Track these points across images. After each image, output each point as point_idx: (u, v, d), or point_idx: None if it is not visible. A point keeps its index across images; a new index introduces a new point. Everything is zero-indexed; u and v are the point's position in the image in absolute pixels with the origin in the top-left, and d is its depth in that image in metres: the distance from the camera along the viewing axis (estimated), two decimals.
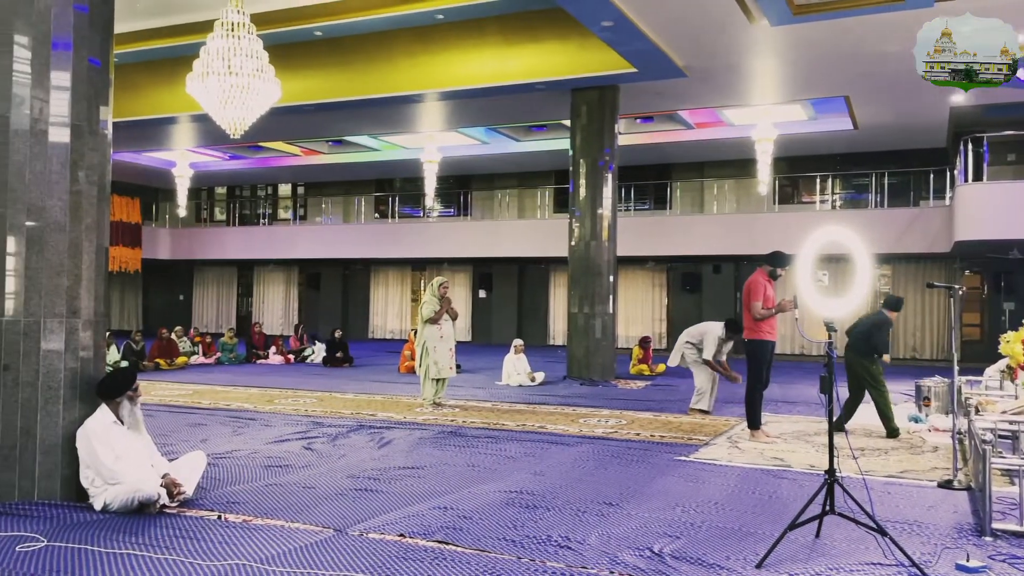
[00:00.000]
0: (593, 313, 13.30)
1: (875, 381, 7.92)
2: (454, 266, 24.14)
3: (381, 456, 6.67)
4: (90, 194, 5.20)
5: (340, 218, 26.18)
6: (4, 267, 4.91)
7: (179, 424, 8.18)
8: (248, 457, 6.53)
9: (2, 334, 4.88)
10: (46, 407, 4.95)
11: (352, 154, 21.92)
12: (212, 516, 4.75)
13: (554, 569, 3.87)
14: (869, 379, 7.93)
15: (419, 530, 4.47)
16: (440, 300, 9.67)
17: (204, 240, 26.56)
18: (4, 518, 4.58)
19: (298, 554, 4.04)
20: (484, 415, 9.07)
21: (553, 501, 5.19)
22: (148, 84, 15.38)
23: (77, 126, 5.12)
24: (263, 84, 9.25)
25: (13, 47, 4.94)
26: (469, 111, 16.04)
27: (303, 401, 10.13)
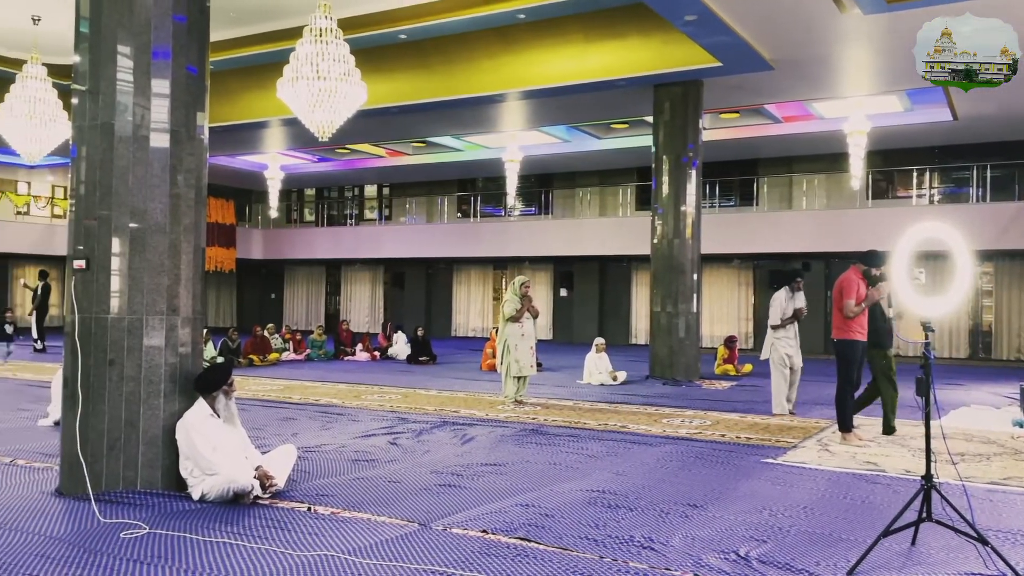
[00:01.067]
0: (676, 312, 13.11)
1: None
2: (535, 264, 24.19)
3: (464, 452, 6.75)
4: (188, 197, 5.43)
5: (424, 218, 26.58)
6: (109, 267, 5.18)
7: (271, 418, 8.46)
8: (336, 451, 6.70)
9: (108, 331, 5.15)
10: (148, 400, 5.20)
11: (435, 155, 22.23)
12: (302, 508, 4.90)
13: (636, 570, 3.84)
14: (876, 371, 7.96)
15: (501, 527, 4.50)
16: (521, 299, 9.72)
17: (294, 240, 27.41)
18: (110, 505, 4.84)
19: (384, 547, 4.13)
20: (565, 414, 9.06)
21: (635, 501, 5.15)
22: (241, 90, 15.96)
23: (176, 131, 5.35)
24: (350, 87, 9.46)
25: (117, 57, 5.20)
26: (550, 110, 16.04)
27: (388, 397, 10.34)
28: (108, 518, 4.59)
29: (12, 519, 4.55)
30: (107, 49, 5.20)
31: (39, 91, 12.00)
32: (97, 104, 5.21)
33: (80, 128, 5.30)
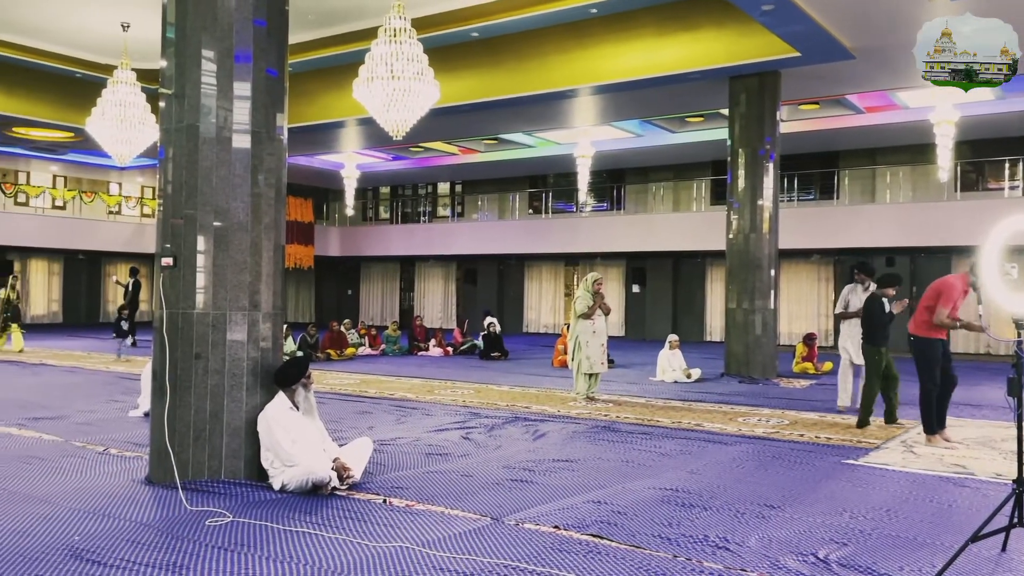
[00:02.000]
0: (753, 308, 12.84)
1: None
2: (607, 260, 24.03)
3: (536, 448, 6.76)
4: (268, 196, 5.59)
5: (495, 215, 26.72)
6: (195, 264, 5.38)
7: (348, 411, 8.65)
8: (410, 445, 6.81)
9: (194, 326, 5.35)
10: (231, 393, 5.38)
11: (507, 151, 22.30)
12: (378, 500, 4.99)
13: (711, 570, 3.78)
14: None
15: (573, 523, 4.50)
16: (593, 296, 9.68)
17: (370, 238, 27.93)
18: (195, 494, 5.03)
19: (457, 540, 4.17)
20: (638, 411, 8.98)
21: (710, 501, 5.07)
22: (319, 91, 16.33)
23: (257, 132, 5.52)
24: (423, 86, 9.58)
25: (201, 61, 5.39)
26: (623, 104, 15.89)
27: (461, 392, 10.44)
28: (194, 506, 4.77)
29: (105, 506, 4.78)
30: (192, 53, 5.39)
31: (129, 95, 12.52)
32: (183, 107, 5.41)
33: (167, 130, 5.51)
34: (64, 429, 7.29)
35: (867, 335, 8.03)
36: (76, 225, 24.86)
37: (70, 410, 8.42)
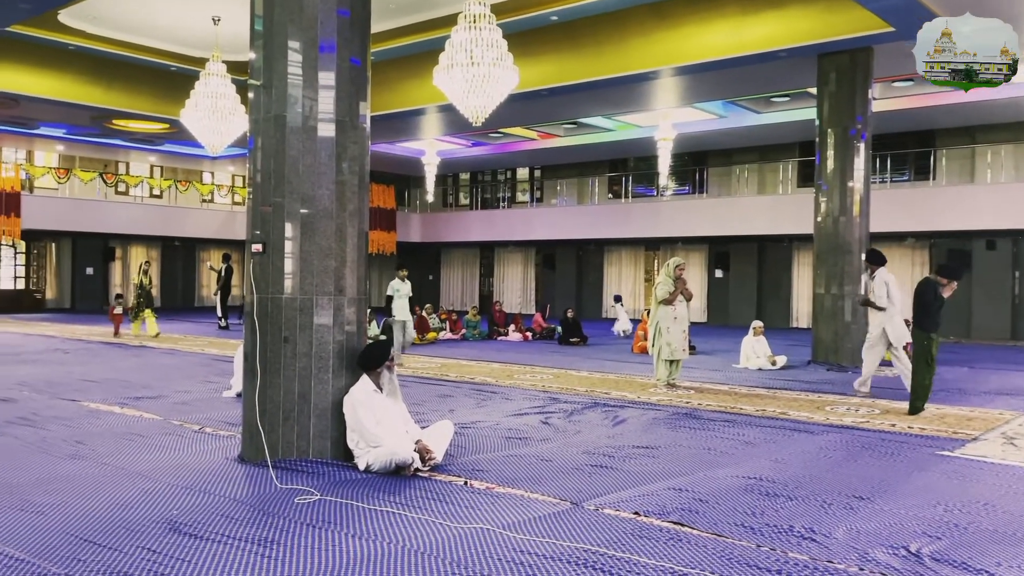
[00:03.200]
0: (842, 294, 12.43)
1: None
2: (688, 245, 23.65)
3: (615, 434, 6.73)
4: (352, 183, 5.70)
5: (574, 200, 26.60)
6: (283, 250, 5.54)
7: (430, 394, 8.79)
8: (490, 428, 6.88)
9: (282, 310, 5.52)
10: (318, 375, 5.54)
11: (586, 136, 22.15)
12: (459, 482, 5.07)
13: (796, 560, 3.70)
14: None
15: (654, 509, 4.47)
16: (675, 281, 9.55)
17: (450, 223, 28.22)
18: (285, 472, 5.21)
19: (537, 523, 4.20)
20: (720, 398, 8.84)
21: (796, 490, 4.96)
22: (400, 79, 16.54)
23: (341, 121, 5.63)
24: (502, 72, 9.59)
25: (287, 52, 5.52)
26: (706, 85, 15.54)
27: (540, 377, 10.47)
28: (284, 484, 4.94)
29: (201, 482, 5.00)
30: (279, 45, 5.54)
31: (220, 87, 12.95)
32: (271, 97, 5.56)
33: (256, 120, 5.68)
34: (163, 408, 7.65)
35: (917, 319, 7.79)
36: (172, 213, 25.97)
37: (168, 390, 8.83)
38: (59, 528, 4.02)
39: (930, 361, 7.76)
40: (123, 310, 16.41)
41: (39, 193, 23.91)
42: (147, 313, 15.96)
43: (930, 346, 7.73)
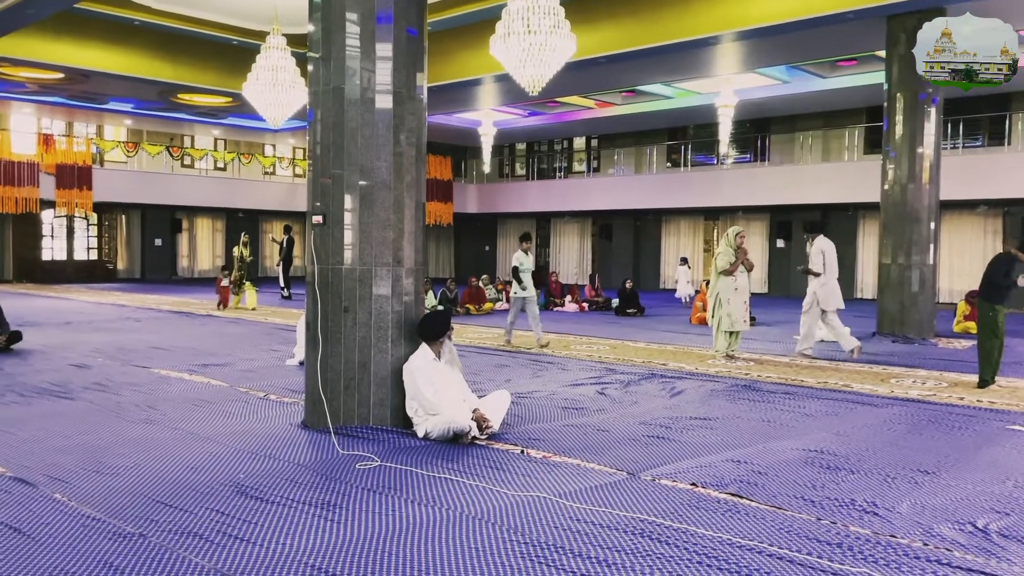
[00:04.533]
0: (909, 264, 12.07)
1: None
2: (749, 214, 23.19)
3: (673, 405, 6.70)
4: (409, 154, 5.74)
5: (632, 169, 26.30)
6: (343, 222, 5.62)
7: (486, 364, 8.87)
8: (547, 398, 6.91)
9: (342, 281, 5.61)
10: (377, 344, 5.63)
11: (645, 103, 21.80)
12: (516, 450, 5.12)
13: (858, 535, 3.65)
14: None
15: (711, 481, 4.45)
16: (736, 250, 9.39)
17: (506, 194, 28.20)
18: (346, 439, 5.33)
19: (594, 492, 4.22)
20: (781, 370, 8.70)
21: (858, 464, 4.87)
22: (456, 49, 16.50)
23: (398, 93, 5.65)
24: (559, 40, 9.47)
25: (345, 24, 5.55)
26: (769, 49, 15.11)
27: (596, 348, 10.45)
28: (345, 450, 5.06)
29: (266, 447, 5.16)
30: (336, 17, 5.57)
31: (280, 60, 13.10)
32: (329, 69, 5.61)
33: (315, 93, 5.74)
34: (229, 375, 7.89)
35: (984, 291, 7.69)
36: (235, 185, 26.54)
37: (234, 358, 9.09)
38: (133, 489, 4.20)
39: (996, 332, 7.56)
40: (229, 282, 16.14)
41: (109, 167, 24.68)
42: (247, 285, 16.03)
43: (996, 317, 7.54)
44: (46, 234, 24.89)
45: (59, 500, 4.00)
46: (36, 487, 4.20)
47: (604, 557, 3.34)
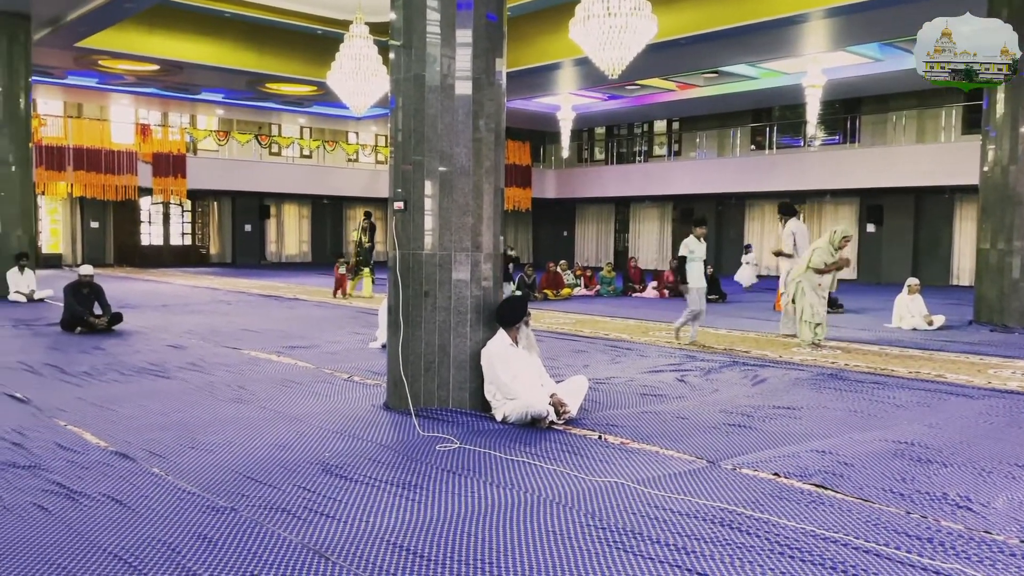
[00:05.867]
0: (1010, 249, 11.46)
1: None
2: (837, 198, 22.47)
3: (755, 393, 6.57)
4: (488, 140, 5.76)
5: (714, 152, 25.78)
6: (423, 208, 5.70)
7: (564, 350, 8.87)
8: (625, 384, 6.88)
9: (423, 266, 5.70)
10: (456, 328, 5.70)
11: (728, 85, 21.33)
12: (593, 436, 5.12)
13: (950, 529, 3.52)
14: None
15: (795, 471, 4.35)
16: (835, 250, 9.09)
17: (585, 179, 28.06)
18: (427, 420, 5.43)
19: (672, 480, 4.19)
20: (869, 359, 8.42)
21: (951, 457, 4.68)
22: (535, 34, 16.46)
23: (477, 79, 5.68)
24: (640, 22, 9.37)
25: (426, 11, 5.60)
26: (860, 26, 14.54)
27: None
28: (426, 432, 5.16)
29: (350, 427, 5.30)
30: (418, 4, 5.62)
31: (363, 49, 13.34)
32: (410, 57, 5.67)
33: (397, 80, 5.82)
34: (315, 357, 8.13)
35: None
36: (320, 172, 27.22)
37: (320, 340, 9.35)
38: (224, 465, 4.39)
39: None
40: (346, 269, 15.64)
41: (202, 155, 25.65)
42: (365, 272, 15.70)
43: None
44: (144, 220, 26.09)
45: (157, 474, 4.21)
46: (136, 461, 4.44)
47: (683, 545, 3.32)
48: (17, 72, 14.29)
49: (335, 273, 15.64)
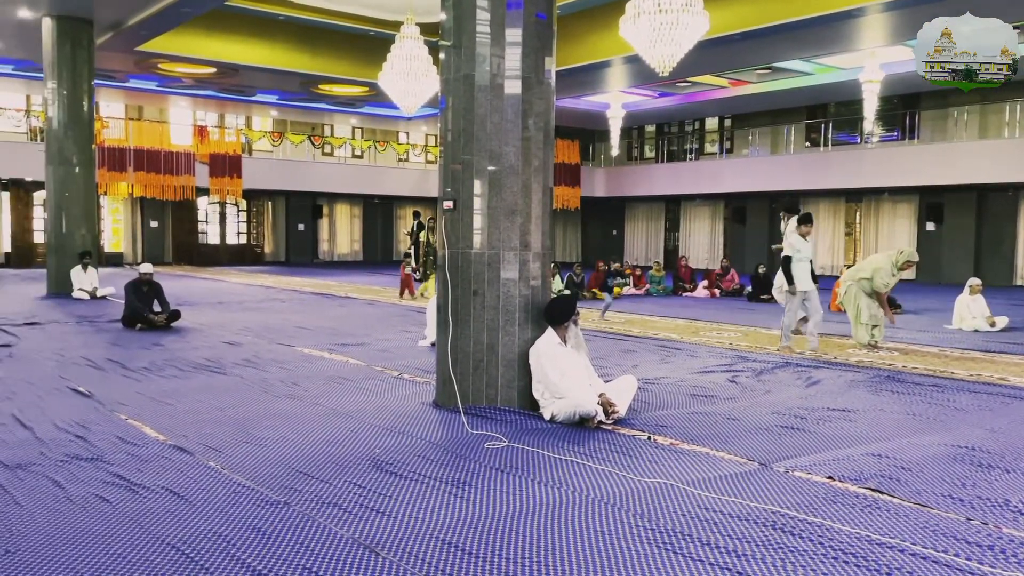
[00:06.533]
0: None
1: None
2: (895, 196, 21.92)
3: (809, 395, 6.46)
4: (537, 139, 5.77)
5: (768, 149, 25.35)
6: (472, 207, 5.72)
7: (613, 349, 8.83)
8: (675, 385, 6.81)
9: (471, 264, 5.73)
10: (505, 327, 5.72)
11: (782, 81, 20.94)
12: (642, 436, 5.08)
13: (1011, 537, 3.41)
14: None
15: (850, 475, 4.26)
16: (897, 271, 8.86)
17: (634, 177, 27.85)
18: (475, 418, 5.46)
19: (723, 482, 4.14)
20: (928, 361, 8.20)
21: (1014, 462, 4.53)
22: (585, 32, 16.39)
23: (527, 78, 5.68)
24: (692, 18, 9.27)
25: (476, 11, 5.63)
26: (920, 19, 14.09)
27: (727, 335, 10.20)
28: (474, 430, 5.18)
29: (400, 424, 5.35)
30: (468, 4, 5.65)
31: (413, 49, 13.46)
32: (460, 57, 5.70)
33: (446, 80, 5.86)
34: (366, 354, 8.23)
35: None
36: (372, 172, 27.55)
37: (370, 338, 9.46)
38: (278, 460, 4.47)
39: None
40: (412, 269, 15.54)
41: (256, 156, 26.17)
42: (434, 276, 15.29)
43: None
44: (201, 219, 26.72)
45: (213, 467, 4.31)
46: (193, 455, 4.55)
47: (734, 548, 3.27)
48: (81, 76, 14.78)
49: (401, 273, 15.46)
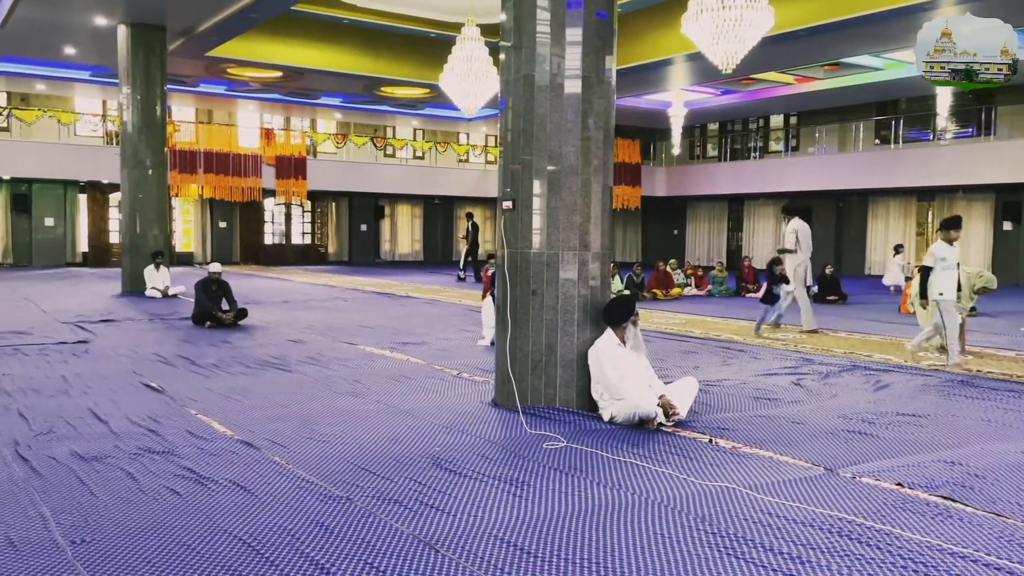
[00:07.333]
0: None
1: None
2: (970, 194, 21.14)
3: (877, 400, 6.27)
4: (597, 139, 5.74)
5: (835, 147, 24.72)
6: (532, 207, 5.73)
7: (673, 350, 8.73)
8: (737, 387, 6.70)
9: (531, 264, 5.73)
10: (564, 327, 5.71)
11: (850, 77, 20.41)
12: (703, 439, 5.01)
13: None
14: None
15: (920, 482, 4.13)
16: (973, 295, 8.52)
17: (696, 176, 27.48)
18: (534, 418, 5.46)
19: (787, 486, 4.06)
20: (1005, 365, 7.89)
21: None
22: (646, 30, 16.25)
23: (587, 77, 5.66)
24: (756, 14, 9.11)
25: (536, 11, 5.63)
26: (999, 10, 13.57)
27: (792, 336, 9.98)
28: (533, 429, 5.19)
29: (459, 423, 5.39)
30: (528, 4, 5.66)
31: (474, 50, 13.54)
32: (520, 57, 5.71)
33: (507, 81, 5.88)
34: (426, 353, 8.31)
35: None
36: (432, 173, 27.82)
37: (431, 337, 9.56)
38: (340, 456, 4.55)
39: None
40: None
41: (321, 157, 26.68)
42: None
43: None
44: (267, 220, 27.36)
45: (278, 462, 4.41)
46: (259, 450, 4.66)
47: (798, 554, 3.20)
48: (153, 81, 15.29)
49: (484, 275, 15.62)
